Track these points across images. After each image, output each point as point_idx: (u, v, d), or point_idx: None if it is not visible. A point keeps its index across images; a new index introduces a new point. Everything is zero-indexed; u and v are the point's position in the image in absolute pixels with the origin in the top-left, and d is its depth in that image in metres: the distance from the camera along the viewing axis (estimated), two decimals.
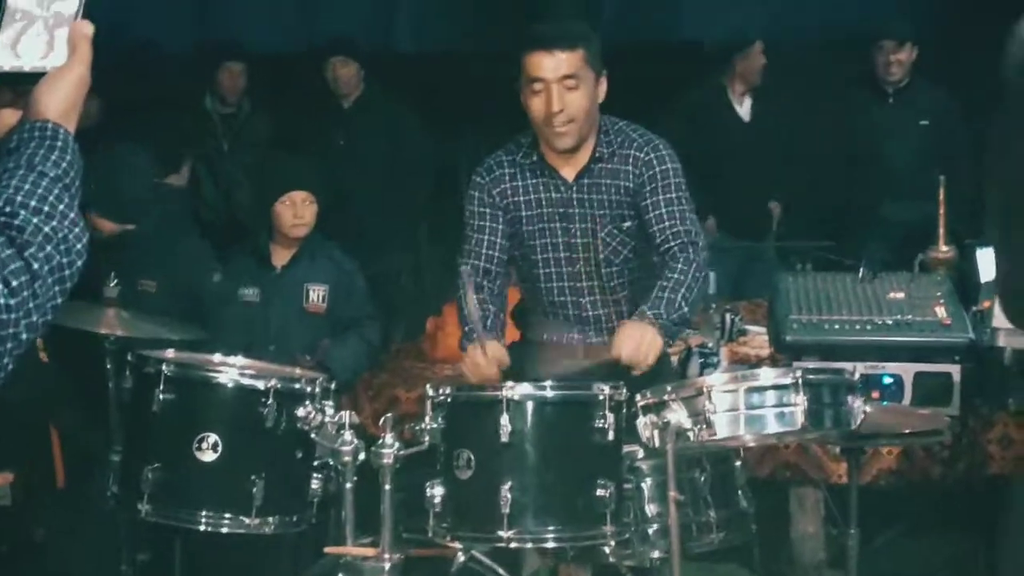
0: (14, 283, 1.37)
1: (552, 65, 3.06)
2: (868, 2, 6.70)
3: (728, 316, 4.20)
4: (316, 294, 4.09)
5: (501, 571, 2.82)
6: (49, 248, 1.40)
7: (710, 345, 3.92)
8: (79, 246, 1.44)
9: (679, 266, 3.03)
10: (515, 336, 3.40)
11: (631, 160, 3.18)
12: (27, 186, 1.42)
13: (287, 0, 7.59)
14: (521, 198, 3.25)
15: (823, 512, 3.57)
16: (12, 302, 1.36)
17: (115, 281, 3.47)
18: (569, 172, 3.22)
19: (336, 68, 5.85)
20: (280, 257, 4.14)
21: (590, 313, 3.26)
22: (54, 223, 1.42)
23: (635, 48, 6.61)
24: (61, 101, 1.49)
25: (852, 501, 2.98)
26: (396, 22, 7.67)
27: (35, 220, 1.40)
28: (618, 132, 3.23)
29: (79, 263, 1.44)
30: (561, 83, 3.06)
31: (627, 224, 3.20)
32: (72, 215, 1.44)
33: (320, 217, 4.13)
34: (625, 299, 3.25)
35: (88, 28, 1.51)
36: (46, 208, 1.42)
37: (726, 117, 5.84)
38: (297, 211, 4.07)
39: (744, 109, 5.86)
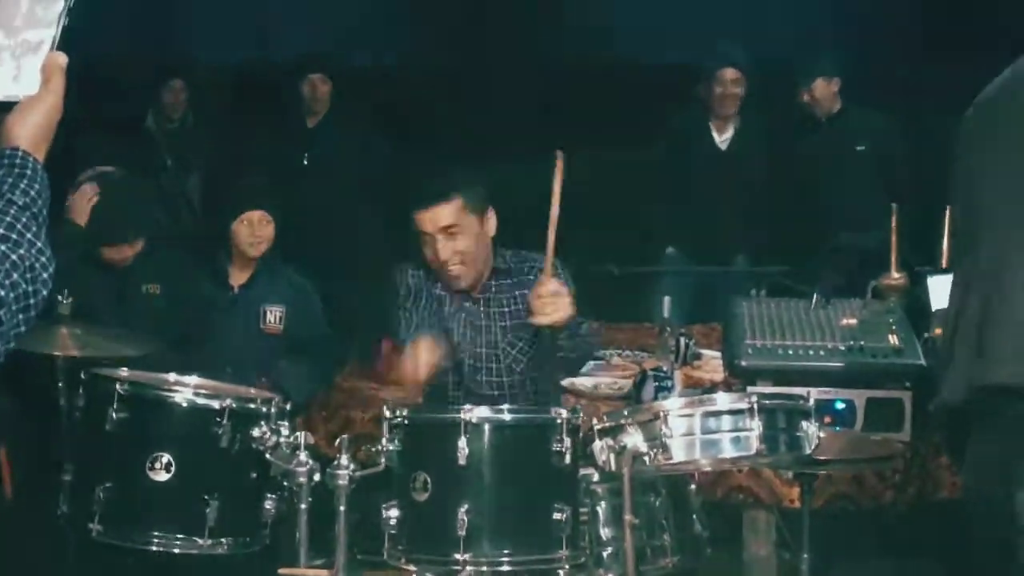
0: None
1: (431, 219, 3.33)
2: (799, 37, 6.76)
3: (682, 340, 4.22)
4: (273, 315, 4.08)
5: None
6: (15, 276, 1.40)
7: (664, 369, 3.93)
8: (45, 275, 1.43)
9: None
10: None
11: (536, 271, 3.34)
12: None
13: (245, 16, 7.57)
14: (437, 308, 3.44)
15: (775, 536, 3.59)
16: None
17: (68, 298, 3.44)
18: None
19: (316, 85, 5.83)
20: (237, 278, 4.12)
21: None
22: (21, 251, 1.41)
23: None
24: (32, 130, 1.49)
25: (804, 525, 3.01)
26: (356, 38, 7.67)
27: (2, 247, 1.40)
28: (515, 253, 3.49)
29: (44, 292, 1.44)
30: (443, 233, 3.32)
31: (527, 333, 3.40)
32: (39, 244, 1.44)
33: (278, 236, 4.12)
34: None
35: (62, 59, 1.51)
36: (14, 236, 1.41)
37: (704, 143, 5.86)
38: (255, 230, 4.07)
39: (723, 137, 5.87)
